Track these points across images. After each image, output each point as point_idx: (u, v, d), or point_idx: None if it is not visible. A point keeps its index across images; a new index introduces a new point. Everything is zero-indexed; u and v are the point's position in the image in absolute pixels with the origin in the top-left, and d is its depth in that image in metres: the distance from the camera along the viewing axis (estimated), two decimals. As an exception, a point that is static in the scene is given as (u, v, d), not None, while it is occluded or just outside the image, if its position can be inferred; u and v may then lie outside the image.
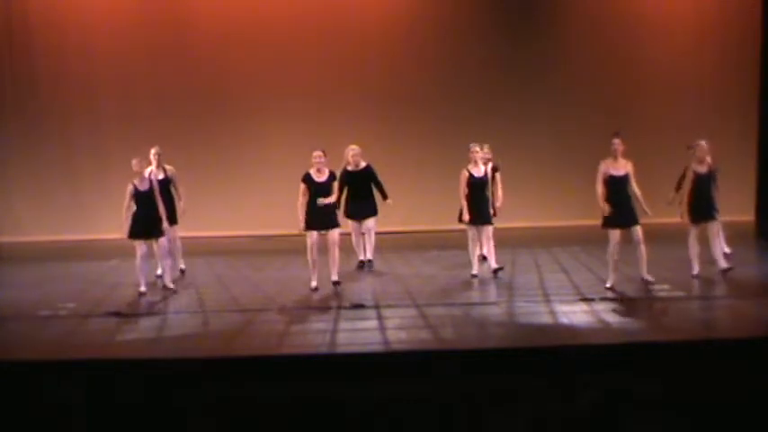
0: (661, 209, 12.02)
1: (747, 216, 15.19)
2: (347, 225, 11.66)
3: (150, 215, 10.33)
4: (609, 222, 10.09)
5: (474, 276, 10.90)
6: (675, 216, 11.03)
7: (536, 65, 15.70)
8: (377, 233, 12.13)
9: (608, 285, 10.06)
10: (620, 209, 10.03)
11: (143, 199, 10.32)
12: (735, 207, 15.04)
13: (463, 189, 10.96)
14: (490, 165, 11.55)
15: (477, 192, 10.97)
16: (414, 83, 15.70)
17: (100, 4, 15.56)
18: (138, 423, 7.02)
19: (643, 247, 10.05)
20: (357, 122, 15.04)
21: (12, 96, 15.43)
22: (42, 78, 15.47)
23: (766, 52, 15.16)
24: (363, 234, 11.91)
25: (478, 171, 11.03)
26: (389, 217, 12.31)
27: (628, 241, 10.05)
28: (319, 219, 10.33)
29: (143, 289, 10.28)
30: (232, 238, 15.16)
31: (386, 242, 13.26)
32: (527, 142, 15.35)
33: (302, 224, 10.28)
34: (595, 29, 15.98)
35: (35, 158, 15.34)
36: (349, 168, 11.74)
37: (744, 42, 15.59)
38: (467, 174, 10.97)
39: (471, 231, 11.07)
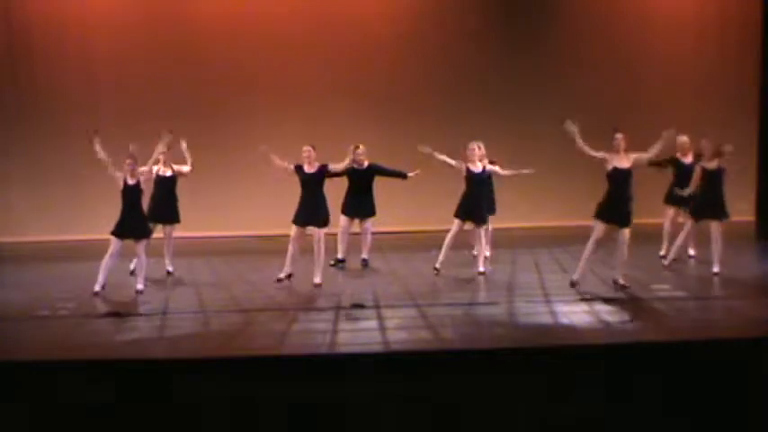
0: (660, 209, 12.09)
1: (747, 216, 15.19)
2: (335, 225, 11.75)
3: (136, 214, 10.31)
4: (600, 214, 10.00)
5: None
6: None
7: (536, 66, 15.68)
8: (377, 233, 12.18)
9: (573, 278, 10.04)
10: (617, 204, 9.96)
11: (130, 194, 10.27)
12: (735, 207, 15.07)
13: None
14: (486, 161, 11.67)
15: (474, 188, 11.04)
16: (414, 83, 15.68)
17: (100, 4, 15.56)
18: (137, 423, 7.02)
19: (625, 251, 9.97)
20: (358, 123, 15.02)
21: (12, 96, 15.40)
22: (42, 78, 15.44)
23: (766, 53, 15.16)
24: (360, 233, 11.97)
25: (476, 168, 11.12)
26: (390, 217, 12.32)
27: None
28: (307, 215, 10.46)
29: (97, 288, 10.20)
30: (232, 238, 15.15)
31: (386, 242, 13.27)
32: (527, 142, 15.33)
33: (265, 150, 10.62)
34: (596, 29, 15.97)
35: (35, 158, 15.32)
36: (355, 166, 11.86)
37: (744, 43, 15.60)
38: (464, 167, 11.12)
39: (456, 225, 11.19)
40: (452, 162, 11.10)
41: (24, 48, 15.39)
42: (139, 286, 10.35)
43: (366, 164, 11.95)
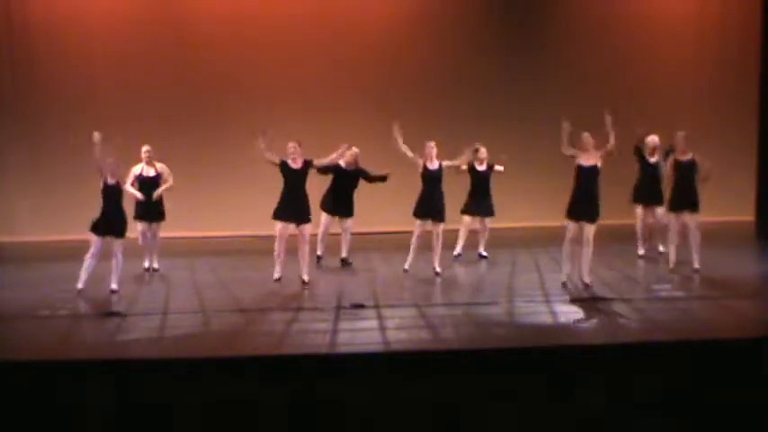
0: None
1: (747, 216, 15.19)
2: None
3: (115, 213, 10.31)
4: (568, 212, 10.11)
5: (405, 271, 11.06)
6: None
7: (536, 66, 15.67)
8: (379, 232, 12.21)
9: (562, 280, 10.07)
10: (582, 201, 10.06)
11: (110, 194, 10.30)
12: (735, 207, 15.08)
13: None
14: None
15: (431, 185, 11.07)
16: (414, 84, 15.67)
17: (100, 4, 15.55)
18: (138, 423, 7.03)
19: (590, 250, 10.01)
20: (357, 123, 15.01)
21: (12, 96, 15.40)
22: (42, 78, 15.44)
23: (766, 53, 15.17)
24: (340, 233, 12.00)
25: (433, 165, 11.13)
26: (392, 216, 12.33)
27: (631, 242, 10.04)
28: (291, 210, 10.45)
29: (80, 286, 10.18)
30: (232, 238, 15.15)
31: (386, 242, 13.27)
32: (527, 142, 15.33)
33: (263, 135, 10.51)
34: (595, 30, 15.96)
35: (35, 158, 15.32)
36: (342, 165, 11.85)
37: (744, 43, 15.60)
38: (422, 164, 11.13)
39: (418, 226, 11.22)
40: (410, 154, 11.05)
41: (24, 48, 15.38)
42: (113, 286, 10.28)
43: (353, 168, 11.97)
